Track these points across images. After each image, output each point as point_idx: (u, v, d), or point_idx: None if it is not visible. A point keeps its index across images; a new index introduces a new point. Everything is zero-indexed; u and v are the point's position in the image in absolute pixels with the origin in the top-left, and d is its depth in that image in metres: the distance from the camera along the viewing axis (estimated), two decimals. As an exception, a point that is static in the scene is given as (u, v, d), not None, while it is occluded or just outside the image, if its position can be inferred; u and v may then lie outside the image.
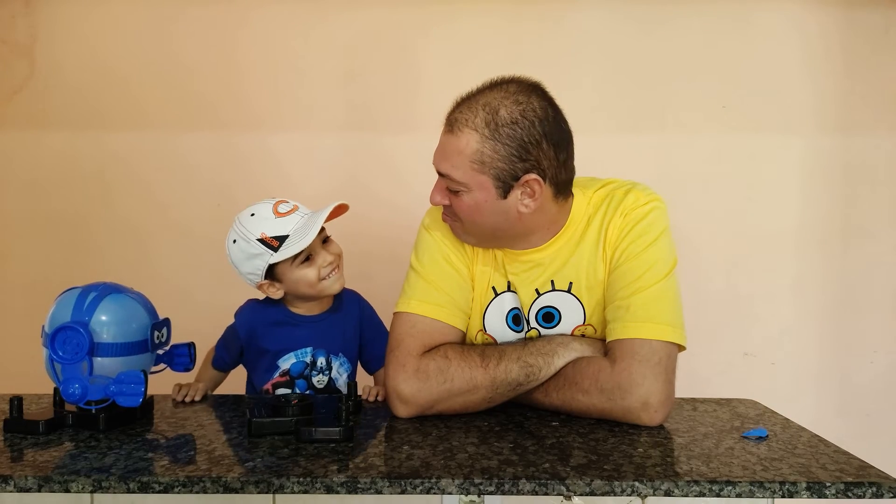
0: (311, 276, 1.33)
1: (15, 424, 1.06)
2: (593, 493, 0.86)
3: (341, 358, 1.40)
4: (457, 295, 1.22)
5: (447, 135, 1.14)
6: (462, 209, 1.16)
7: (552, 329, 1.22)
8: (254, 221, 1.31)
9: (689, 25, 2.15)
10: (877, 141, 2.16)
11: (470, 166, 1.11)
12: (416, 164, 1.48)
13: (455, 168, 1.12)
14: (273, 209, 1.32)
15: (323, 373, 1.38)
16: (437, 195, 1.18)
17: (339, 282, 1.37)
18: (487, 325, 1.25)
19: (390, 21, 2.14)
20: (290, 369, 1.37)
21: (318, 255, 1.34)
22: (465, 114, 1.12)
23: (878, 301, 2.18)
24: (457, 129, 1.12)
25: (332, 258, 1.36)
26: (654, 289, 1.13)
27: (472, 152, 1.11)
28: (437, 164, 1.16)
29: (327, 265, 1.35)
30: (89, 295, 1.12)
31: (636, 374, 1.07)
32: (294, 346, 1.37)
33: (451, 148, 1.13)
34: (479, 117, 1.11)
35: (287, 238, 1.28)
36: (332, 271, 1.36)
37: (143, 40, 2.16)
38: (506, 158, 1.10)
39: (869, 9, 2.14)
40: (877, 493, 0.86)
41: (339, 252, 1.39)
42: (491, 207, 1.14)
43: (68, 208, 2.17)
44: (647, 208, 1.18)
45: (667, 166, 2.13)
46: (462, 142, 1.11)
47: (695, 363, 1.37)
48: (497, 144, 1.10)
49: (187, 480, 0.86)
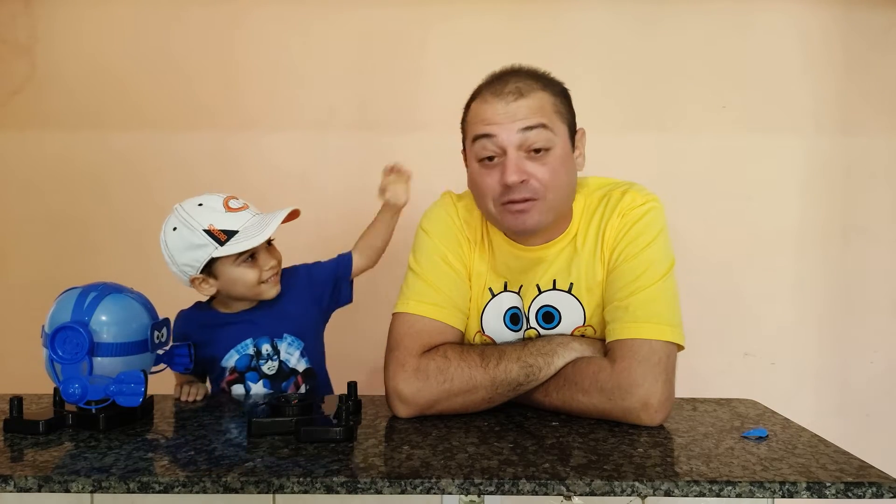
0: (251, 277, 1.32)
1: (15, 424, 1.06)
2: (593, 493, 0.86)
3: (288, 338, 1.37)
4: (455, 295, 1.22)
5: (518, 101, 1.12)
6: (550, 172, 1.12)
7: (552, 329, 1.22)
8: (201, 212, 1.28)
9: (688, 25, 2.15)
10: (877, 141, 2.16)
11: (556, 117, 1.14)
12: (418, 164, 1.49)
13: (547, 118, 1.13)
14: (224, 203, 1.30)
15: (272, 359, 1.36)
16: (518, 170, 1.11)
17: (275, 288, 1.36)
18: (485, 325, 1.25)
19: (390, 20, 2.14)
20: (236, 365, 1.36)
21: (262, 257, 1.33)
22: (524, 81, 1.14)
23: (878, 301, 2.18)
24: (526, 93, 1.13)
25: (275, 263, 1.35)
26: (652, 289, 1.13)
27: (552, 104, 1.15)
28: (519, 124, 1.11)
29: (269, 268, 1.34)
30: (89, 295, 1.12)
31: (636, 374, 1.07)
32: (233, 342, 1.36)
33: (531, 107, 1.12)
34: (538, 81, 1.16)
35: (237, 234, 1.27)
36: (272, 276, 1.35)
37: (143, 41, 2.16)
38: (570, 111, 1.18)
39: (869, 9, 2.14)
40: (877, 493, 0.86)
41: (279, 258, 1.38)
42: (569, 163, 1.17)
43: (68, 208, 2.17)
44: (644, 209, 1.18)
45: (666, 166, 2.13)
46: (540, 100, 1.14)
47: (695, 363, 1.37)
48: (562, 98, 1.17)
49: (187, 480, 0.86)
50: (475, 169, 1.17)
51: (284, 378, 1.37)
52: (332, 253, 1.48)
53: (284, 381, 1.37)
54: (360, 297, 1.96)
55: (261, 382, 1.36)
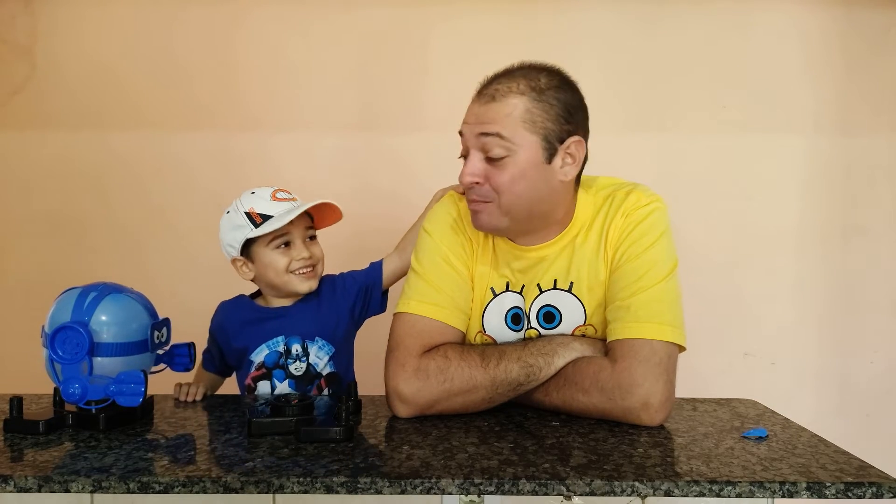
0: (281, 262, 1.35)
1: (15, 424, 1.06)
2: (593, 493, 0.86)
3: (319, 342, 1.38)
4: (457, 295, 1.22)
5: (488, 104, 1.12)
6: (504, 179, 1.12)
7: (552, 329, 1.22)
8: (250, 198, 1.36)
9: (688, 25, 2.15)
10: (877, 141, 2.16)
11: (521, 125, 1.11)
12: (419, 164, 1.49)
13: (504, 127, 1.11)
14: (272, 193, 1.36)
15: (300, 360, 1.37)
16: (471, 172, 1.13)
17: (306, 283, 1.37)
18: (486, 325, 1.25)
19: (391, 20, 2.14)
20: (265, 360, 1.37)
21: (296, 246, 1.36)
22: (506, 84, 1.13)
23: (878, 301, 2.18)
24: (500, 96, 1.12)
25: (309, 255, 1.37)
26: (655, 289, 1.13)
27: (521, 112, 1.11)
28: (477, 128, 1.13)
29: (301, 259, 1.36)
30: (89, 295, 1.12)
31: (637, 374, 1.07)
32: (265, 337, 1.37)
33: (495, 113, 1.12)
34: (521, 84, 1.12)
35: (271, 218, 1.32)
36: (305, 269, 1.36)
37: (143, 41, 2.16)
38: (554, 119, 1.12)
39: (869, 9, 2.14)
40: (877, 493, 0.86)
41: (319, 255, 1.40)
42: (535, 173, 1.13)
43: (68, 208, 2.17)
44: (648, 209, 1.18)
45: (666, 166, 2.13)
46: (508, 106, 1.11)
47: (695, 363, 1.37)
48: (545, 105, 1.12)
49: (187, 480, 0.86)
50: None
51: (310, 381, 1.37)
52: (332, 255, 1.48)
53: (309, 384, 1.37)
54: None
55: (286, 382, 1.36)
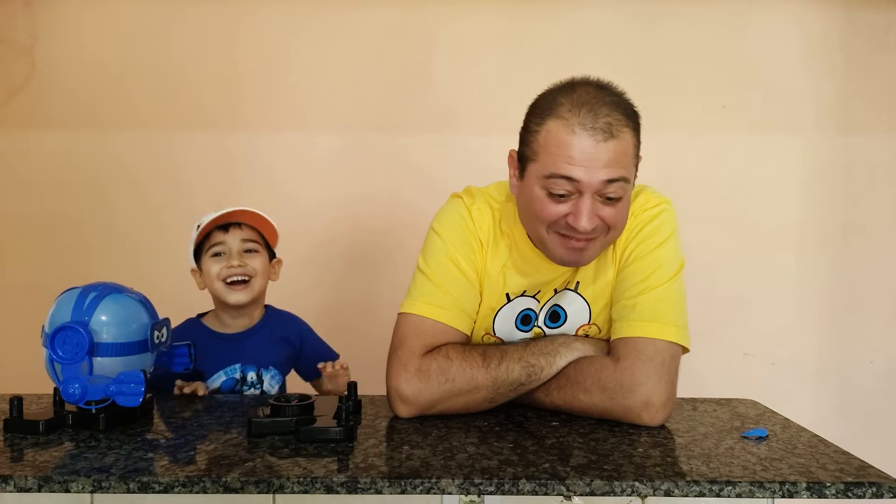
0: (213, 269, 1.39)
1: (15, 424, 1.06)
2: (593, 493, 0.86)
3: (272, 371, 1.43)
4: (462, 299, 1.20)
5: (607, 143, 1.05)
6: (618, 216, 1.11)
7: (557, 328, 1.22)
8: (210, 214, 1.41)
9: (689, 25, 2.15)
10: (877, 141, 2.16)
11: (633, 163, 1.11)
12: (421, 164, 1.49)
13: (626, 169, 1.08)
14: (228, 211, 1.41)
15: (254, 387, 1.42)
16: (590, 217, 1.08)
17: (234, 295, 1.39)
18: (497, 328, 1.24)
19: (390, 21, 2.14)
20: (221, 387, 1.41)
21: (231, 256, 1.39)
22: (613, 115, 1.07)
23: (878, 301, 2.18)
24: (616, 132, 1.06)
25: (239, 264, 1.39)
26: (660, 289, 1.13)
27: (633, 149, 1.10)
28: (603, 174, 1.06)
29: (230, 267, 1.38)
30: (89, 295, 1.12)
31: (639, 373, 1.07)
32: (222, 363, 1.41)
33: (616, 153, 1.06)
34: (621, 113, 1.08)
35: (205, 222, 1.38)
36: (235, 278, 1.39)
37: (143, 41, 2.16)
38: (638, 144, 1.12)
39: (869, 9, 2.14)
40: (877, 493, 0.86)
41: (254, 268, 1.41)
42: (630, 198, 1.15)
43: (68, 209, 2.17)
44: (656, 210, 1.18)
45: (666, 166, 2.11)
46: (625, 143, 1.07)
47: (695, 363, 1.37)
48: (637, 133, 1.11)
49: (187, 480, 0.86)
50: (538, 194, 1.11)
51: None
52: (332, 256, 1.48)
53: None
54: (363, 297, 1.96)
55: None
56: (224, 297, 1.39)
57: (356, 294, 2.05)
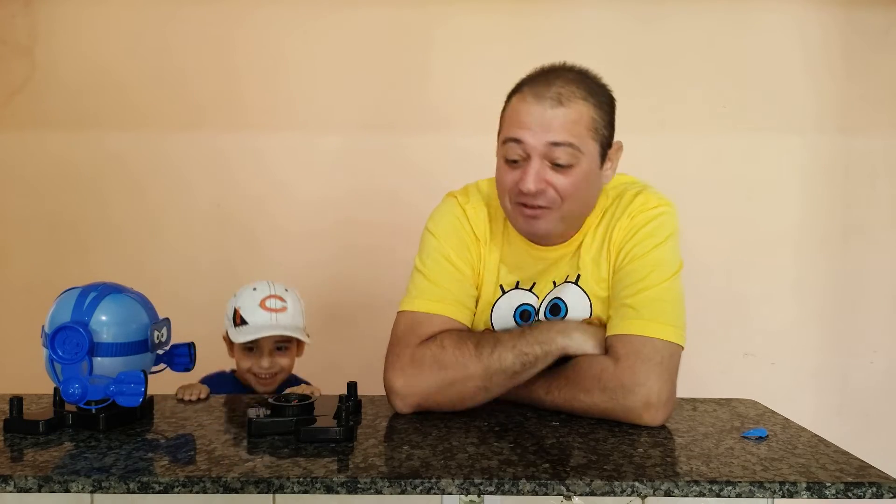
0: (244, 364, 1.54)
1: (15, 424, 1.06)
2: (593, 493, 0.86)
3: None
4: (459, 292, 1.22)
5: (554, 109, 1.11)
6: (570, 186, 1.13)
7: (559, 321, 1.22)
8: (245, 296, 1.51)
9: (689, 25, 2.15)
10: (877, 141, 2.16)
11: (588, 134, 1.13)
12: (421, 164, 1.49)
13: (575, 136, 1.11)
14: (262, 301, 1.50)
15: None
16: (535, 180, 1.12)
17: (262, 388, 1.54)
18: (495, 322, 1.25)
19: (390, 20, 2.14)
20: None
21: (262, 356, 1.52)
22: (567, 88, 1.12)
23: (878, 301, 2.18)
24: (566, 101, 1.12)
25: (269, 366, 1.51)
26: (658, 288, 1.13)
27: (588, 120, 1.13)
28: (546, 136, 1.11)
29: (261, 368, 1.52)
30: (89, 295, 1.12)
31: (639, 372, 1.07)
32: None
33: (564, 119, 1.11)
34: (581, 89, 1.13)
35: (245, 325, 1.48)
36: (265, 377, 1.53)
37: (142, 42, 2.16)
38: (607, 125, 1.16)
39: (869, 9, 2.14)
40: (877, 493, 0.86)
41: (283, 365, 1.54)
42: (593, 179, 1.16)
43: (68, 209, 2.17)
44: (655, 212, 1.18)
45: (666, 166, 2.11)
46: (576, 112, 1.12)
47: (695, 363, 1.37)
48: (602, 112, 1.15)
49: (187, 480, 0.86)
50: (500, 164, 1.19)
51: None
52: (330, 256, 1.48)
53: None
54: (362, 296, 1.96)
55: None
56: (253, 387, 1.54)
57: (355, 293, 2.05)
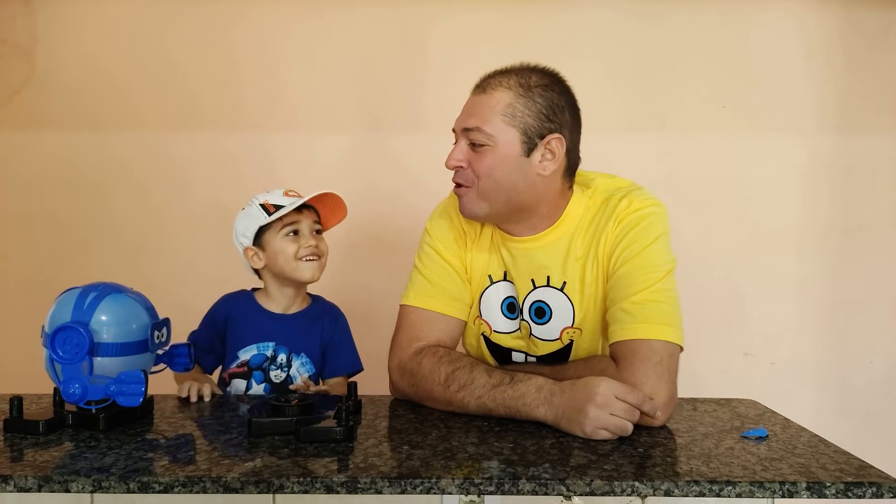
0: (290, 249, 1.41)
1: (15, 424, 1.06)
2: (593, 493, 0.86)
3: (303, 357, 1.43)
4: (449, 286, 1.29)
5: (477, 96, 1.20)
6: (483, 166, 1.18)
7: (544, 324, 1.25)
8: (265, 194, 1.44)
9: (689, 25, 2.15)
10: (877, 141, 2.16)
11: (501, 119, 1.16)
12: (421, 164, 1.49)
13: (485, 121, 1.17)
14: (284, 191, 1.44)
15: (282, 369, 1.42)
16: (455, 157, 1.20)
17: (311, 271, 1.43)
18: (483, 311, 1.30)
19: (390, 20, 2.14)
20: (250, 360, 1.42)
21: (304, 235, 1.43)
22: (497, 78, 1.19)
23: (878, 301, 2.18)
24: (489, 89, 1.18)
25: (315, 244, 1.43)
26: (651, 290, 1.14)
27: (503, 106, 1.16)
28: (462, 122, 1.20)
29: (308, 247, 1.41)
30: (89, 295, 1.12)
31: (640, 374, 1.08)
32: (259, 338, 1.43)
33: (481, 105, 1.18)
34: (511, 79, 1.18)
35: (283, 208, 1.40)
36: (311, 256, 1.42)
37: (143, 41, 2.16)
38: (535, 115, 1.17)
39: (869, 9, 2.13)
40: (877, 493, 0.86)
41: (324, 248, 1.46)
42: (513, 164, 1.17)
43: (68, 209, 2.17)
44: (642, 213, 1.19)
45: (666, 166, 2.13)
46: (494, 99, 1.17)
47: (695, 363, 1.37)
48: (529, 101, 1.17)
49: (187, 480, 0.86)
50: None
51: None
52: (330, 255, 1.48)
53: None
54: (361, 296, 1.96)
55: (263, 386, 1.41)
56: (302, 275, 1.42)
57: (354, 293, 2.05)
